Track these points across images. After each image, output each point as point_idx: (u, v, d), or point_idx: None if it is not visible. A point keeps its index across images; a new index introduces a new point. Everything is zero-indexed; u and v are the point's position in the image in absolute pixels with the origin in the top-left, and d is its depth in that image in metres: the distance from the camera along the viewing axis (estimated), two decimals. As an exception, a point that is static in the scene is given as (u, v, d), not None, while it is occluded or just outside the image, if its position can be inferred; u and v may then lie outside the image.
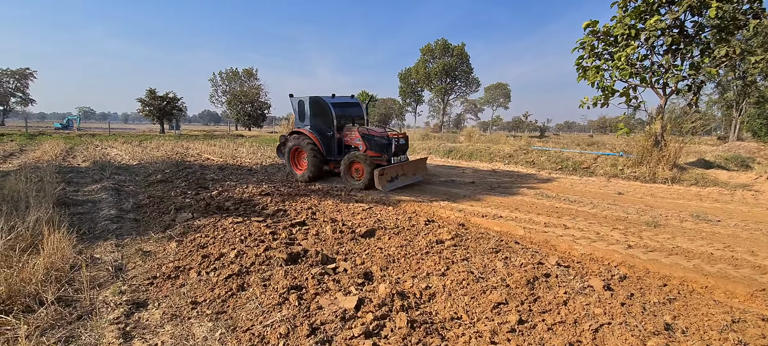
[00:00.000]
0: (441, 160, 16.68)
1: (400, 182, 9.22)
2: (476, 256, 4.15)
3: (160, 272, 3.56)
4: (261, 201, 6.71)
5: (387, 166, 8.84)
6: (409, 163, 9.66)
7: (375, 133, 9.22)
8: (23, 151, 16.27)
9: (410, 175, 9.66)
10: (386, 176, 8.75)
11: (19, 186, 6.26)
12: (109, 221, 5.35)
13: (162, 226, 5.14)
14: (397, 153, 9.31)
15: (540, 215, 6.63)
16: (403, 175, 9.35)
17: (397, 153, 9.27)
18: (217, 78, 60.72)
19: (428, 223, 5.59)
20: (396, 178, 9.11)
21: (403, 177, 9.36)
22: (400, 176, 9.24)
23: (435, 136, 30.35)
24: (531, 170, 13.16)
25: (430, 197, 8.01)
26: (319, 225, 5.30)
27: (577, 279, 3.68)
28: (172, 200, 6.64)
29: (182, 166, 11.03)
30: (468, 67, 50.83)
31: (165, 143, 22.35)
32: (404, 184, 9.28)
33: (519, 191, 9.08)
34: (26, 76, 57.43)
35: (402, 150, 9.52)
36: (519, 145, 16.18)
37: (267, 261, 3.64)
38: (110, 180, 8.76)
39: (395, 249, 4.30)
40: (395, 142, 9.13)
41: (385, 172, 8.69)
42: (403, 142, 9.53)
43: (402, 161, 9.43)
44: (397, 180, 9.15)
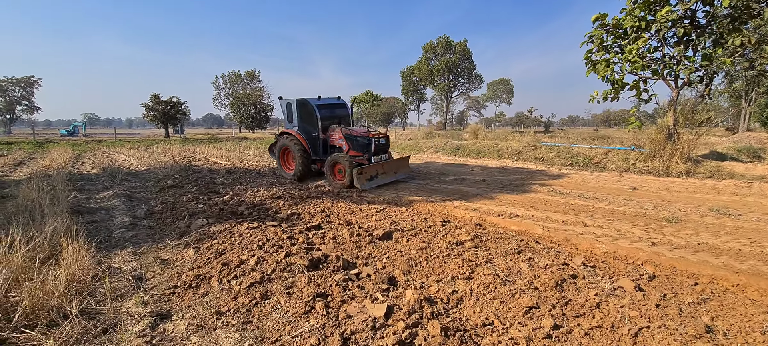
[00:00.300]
0: (448, 158, 16.58)
1: (380, 179, 9.44)
2: (499, 257, 4.07)
3: (180, 281, 3.50)
4: (274, 205, 6.66)
5: (366, 165, 9.07)
6: (390, 162, 9.90)
7: (356, 134, 9.47)
8: (32, 159, 16.34)
9: (391, 173, 9.87)
10: (365, 174, 8.98)
11: (32, 195, 6.25)
12: (124, 228, 5.31)
13: (177, 233, 5.10)
14: (378, 152, 9.52)
15: (557, 212, 6.53)
16: (383, 173, 9.57)
17: (377, 152, 9.48)
18: (220, 81, 60.84)
19: (445, 224, 5.52)
20: (375, 176, 9.34)
21: (384, 175, 9.58)
22: (380, 175, 9.47)
23: (439, 134, 30.22)
24: (540, 167, 13.03)
25: (442, 197, 7.93)
26: (335, 228, 5.24)
27: (606, 280, 3.59)
28: (184, 205, 6.60)
29: (191, 171, 11.01)
30: (471, 64, 50.60)
31: (171, 148, 22.40)
32: (384, 182, 9.48)
33: (531, 188, 8.97)
34: (31, 84, 57.79)
35: (383, 149, 9.72)
36: (527, 141, 16.04)
37: (288, 268, 3.57)
38: (121, 187, 8.75)
39: (415, 252, 4.23)
40: (375, 141, 9.34)
41: (364, 171, 8.94)
42: (384, 141, 9.72)
43: (382, 160, 9.63)
44: (377, 178, 9.37)
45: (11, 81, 55.46)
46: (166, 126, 40.54)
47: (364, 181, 8.93)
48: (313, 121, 10.11)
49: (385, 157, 9.81)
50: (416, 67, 52.41)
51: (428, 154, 17.82)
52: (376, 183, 9.22)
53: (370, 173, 9.17)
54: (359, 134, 9.44)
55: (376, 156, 9.46)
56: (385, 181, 9.54)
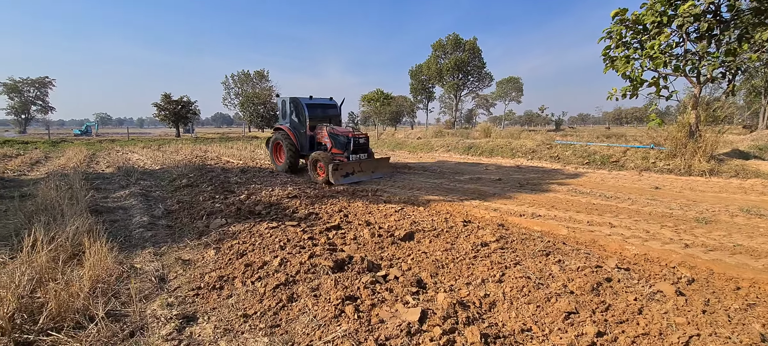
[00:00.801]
0: (460, 157, 16.40)
1: (356, 177, 9.86)
2: (527, 259, 3.94)
3: (203, 282, 3.44)
4: (290, 204, 6.59)
5: (342, 162, 9.57)
6: (368, 161, 10.34)
7: (338, 133, 10.10)
8: (48, 158, 16.56)
9: (368, 172, 10.30)
10: (340, 171, 9.44)
11: (51, 194, 6.26)
12: (142, 228, 5.28)
13: (196, 232, 5.05)
14: (356, 151, 10.05)
15: (580, 212, 6.36)
16: (360, 171, 10.03)
17: (356, 151, 10.02)
18: (230, 81, 61.31)
19: (466, 224, 5.39)
20: (351, 173, 9.79)
21: (360, 173, 10.03)
22: (356, 172, 9.93)
23: (449, 133, 30.02)
24: (556, 166, 12.81)
25: (460, 197, 7.80)
26: (354, 229, 5.14)
27: (643, 283, 3.44)
28: (201, 205, 6.57)
29: (205, 170, 11.02)
30: (480, 62, 50.20)
31: (183, 147, 22.55)
32: (360, 180, 9.88)
33: (550, 187, 8.79)
34: (45, 85, 58.79)
35: (362, 149, 10.23)
36: (541, 139, 15.79)
37: (313, 269, 3.49)
38: (137, 186, 8.77)
39: (440, 253, 4.11)
40: (354, 141, 9.92)
41: (340, 167, 9.40)
42: (363, 141, 10.27)
43: (360, 159, 10.13)
44: (353, 176, 9.82)
45: (26, 82, 56.46)
46: (176, 125, 40.92)
47: (339, 177, 9.36)
48: (302, 118, 10.82)
49: (364, 156, 10.28)
50: (425, 65, 52.15)
51: (440, 153, 17.67)
52: (350, 180, 9.64)
53: (347, 169, 9.65)
54: (341, 133, 10.03)
55: (355, 155, 9.99)
56: (361, 179, 9.95)
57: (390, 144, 22.63)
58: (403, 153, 19.06)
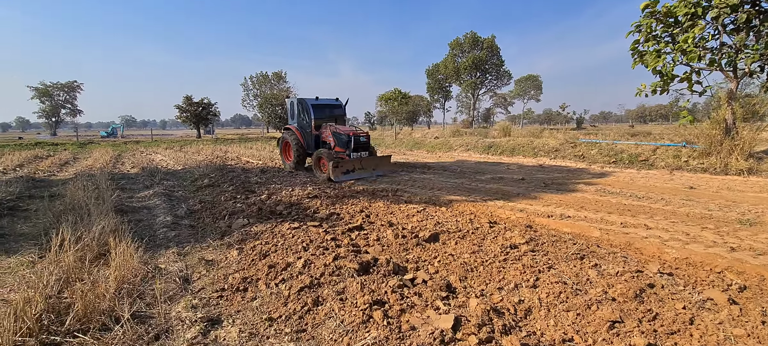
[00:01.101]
0: (480, 156, 16.11)
1: (356, 174, 10.13)
2: (561, 263, 3.73)
3: (227, 284, 3.38)
4: (311, 204, 6.53)
5: (344, 160, 9.92)
6: (369, 158, 10.63)
7: (341, 132, 10.47)
8: (76, 159, 17.09)
9: (369, 169, 10.54)
10: (341, 168, 9.75)
11: (78, 194, 6.39)
12: (166, 227, 5.30)
13: (219, 232, 5.03)
14: (357, 149, 10.41)
15: (611, 213, 6.07)
16: (360, 168, 10.30)
17: (356, 149, 10.38)
18: (248, 82, 62.17)
19: (492, 225, 5.20)
20: (352, 171, 10.07)
21: (361, 170, 10.29)
22: (356, 169, 10.20)
23: (467, 132, 29.61)
24: (581, 165, 12.40)
25: (482, 196, 7.59)
26: (377, 229, 5.03)
27: (689, 290, 3.20)
28: (223, 205, 6.58)
29: (226, 171, 11.12)
30: (499, 60, 49.39)
31: (204, 148, 22.97)
32: (360, 177, 10.15)
33: (576, 187, 8.47)
34: (74, 89, 61.09)
35: (363, 147, 10.60)
36: (565, 138, 15.33)
37: (337, 271, 3.38)
38: (160, 186, 8.90)
39: (468, 256, 3.95)
40: (355, 139, 10.29)
41: (340, 165, 9.73)
42: (364, 139, 10.61)
43: (362, 156, 10.45)
44: (353, 173, 10.09)
45: (56, 86, 58.74)
46: (197, 127, 41.82)
47: (340, 174, 9.69)
48: (308, 118, 11.32)
49: (365, 154, 10.64)
50: (442, 64, 51.67)
51: (459, 152, 17.41)
52: (351, 177, 9.95)
53: (347, 167, 9.95)
54: (343, 132, 10.42)
55: (356, 152, 10.35)
56: (362, 176, 10.23)
57: (408, 143, 22.46)
58: (421, 152, 18.88)
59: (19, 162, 14.78)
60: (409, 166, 12.58)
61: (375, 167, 10.78)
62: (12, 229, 5.40)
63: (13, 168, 13.04)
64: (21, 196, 7.58)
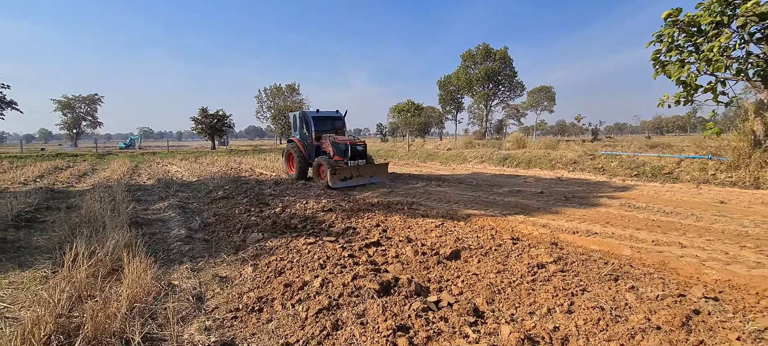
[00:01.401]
0: (496, 168, 15.82)
1: (354, 181, 10.67)
2: (594, 284, 3.49)
3: (241, 303, 3.24)
4: (326, 218, 6.39)
5: (341, 168, 10.43)
6: (366, 166, 11.08)
7: (339, 141, 11.09)
8: (95, 170, 17.39)
9: (366, 176, 11.05)
10: (338, 175, 10.28)
11: (95, 206, 6.38)
12: (180, 241, 5.22)
13: (233, 247, 4.92)
14: (354, 157, 10.97)
15: (640, 229, 5.77)
16: (358, 176, 10.81)
17: (353, 157, 10.94)
18: (263, 94, 63.14)
19: (515, 242, 4.97)
20: (349, 178, 10.61)
21: (358, 177, 10.81)
22: (354, 176, 10.72)
23: (479, 144, 29.31)
24: (601, 178, 12.03)
25: (501, 210, 7.35)
26: (395, 245, 4.85)
27: (740, 318, 2.93)
28: (237, 218, 6.49)
29: (240, 183, 11.11)
30: (511, 71, 49.14)
31: (218, 159, 23.18)
32: (357, 183, 10.68)
33: (599, 201, 8.16)
34: (95, 102, 62.89)
35: (359, 155, 11.14)
36: (583, 150, 14.96)
37: (357, 292, 3.21)
38: (175, 198, 8.89)
39: (494, 276, 3.74)
40: (352, 148, 10.89)
41: (338, 172, 10.26)
42: (361, 148, 11.18)
43: (359, 164, 10.99)
44: (351, 180, 10.63)
45: (78, 99, 60.57)
46: (212, 138, 42.38)
47: (337, 180, 10.23)
48: (309, 130, 11.98)
49: (362, 162, 11.19)
50: (454, 75, 51.66)
51: (473, 164, 17.15)
52: (349, 183, 10.50)
53: (345, 174, 10.47)
54: (340, 142, 11.01)
55: (353, 160, 10.93)
56: (359, 182, 10.76)
57: (421, 155, 22.28)
58: (435, 164, 18.67)
59: (40, 173, 15.09)
60: (423, 179, 12.39)
61: (372, 175, 11.23)
62: (28, 241, 5.39)
63: (33, 179, 13.29)
64: (39, 207, 7.63)
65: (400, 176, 13.18)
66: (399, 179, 12.46)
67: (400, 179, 12.41)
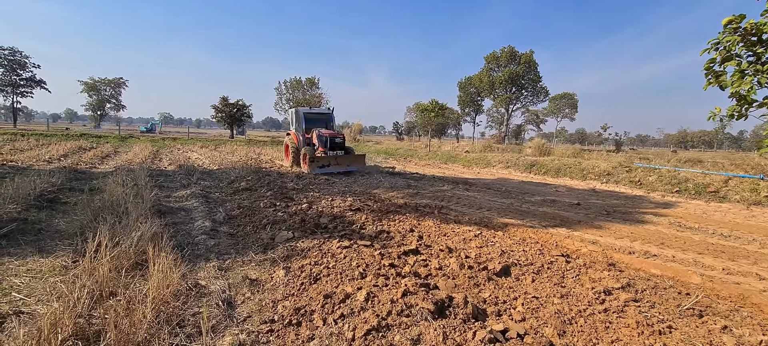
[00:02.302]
0: (522, 174, 15.23)
1: (331, 168, 12.05)
2: (678, 320, 3.02)
3: (277, 314, 2.88)
4: (355, 219, 6.02)
5: (318, 156, 12.04)
6: (344, 156, 12.60)
7: (322, 134, 12.79)
8: (117, 153, 17.47)
9: (344, 165, 12.47)
10: (316, 163, 11.80)
11: (117, 191, 6.16)
12: (205, 234, 4.92)
13: (261, 245, 4.59)
14: (334, 148, 12.61)
15: (702, 254, 5.23)
16: (336, 164, 12.23)
17: (332, 148, 12.57)
18: (282, 87, 63.32)
19: (568, 260, 4.50)
20: (327, 165, 11.97)
21: (336, 166, 12.20)
22: (332, 165, 12.12)
23: (499, 148, 28.63)
24: (637, 191, 11.36)
25: (539, 221, 6.86)
26: (436, 255, 4.44)
27: None
28: (262, 212, 6.18)
29: (261, 174, 10.85)
30: (536, 76, 47.95)
31: (238, 148, 23.14)
32: (335, 171, 12.06)
33: (643, 218, 7.58)
34: (120, 85, 64.08)
35: (337, 146, 12.76)
36: (618, 161, 14.22)
37: (407, 310, 2.82)
38: (197, 186, 8.67)
39: (558, 301, 3.30)
40: (330, 140, 12.57)
41: (316, 160, 11.85)
42: (339, 140, 12.86)
43: (337, 154, 12.51)
44: (328, 167, 12.00)
45: (104, 82, 61.83)
46: (231, 127, 42.62)
47: (316, 167, 11.73)
48: (302, 125, 13.89)
49: (341, 153, 12.71)
50: (477, 77, 50.77)
51: (498, 169, 16.57)
52: (325, 170, 11.84)
53: (323, 162, 11.92)
54: (323, 134, 12.70)
55: (332, 150, 12.52)
56: (336, 170, 12.15)
57: (441, 156, 21.77)
58: (457, 167, 18.15)
59: (64, 152, 15.18)
60: (448, 181, 11.92)
61: (349, 164, 12.67)
62: (50, 223, 5.18)
63: (58, 158, 13.34)
64: (62, 188, 7.49)
65: (423, 177, 12.75)
66: (423, 180, 12.03)
67: (425, 180, 11.98)
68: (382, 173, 13.22)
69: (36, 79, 44.83)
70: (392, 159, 21.50)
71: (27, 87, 44.44)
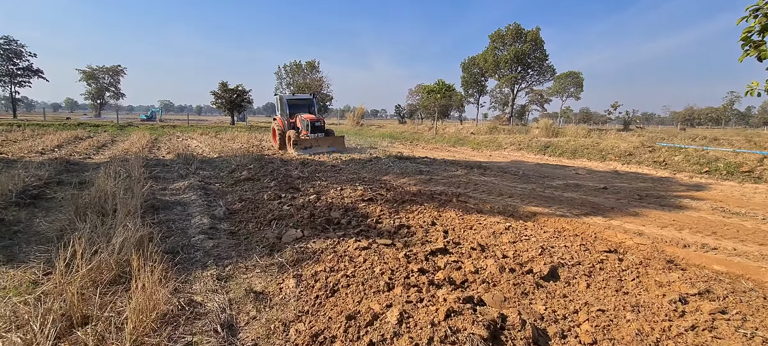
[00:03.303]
0: (535, 156, 14.56)
1: (313, 150, 13.17)
2: (784, 339, 2.43)
3: (289, 342, 2.31)
4: (369, 211, 5.44)
5: (301, 139, 13.28)
6: (324, 138, 13.90)
7: (305, 118, 14.03)
8: (114, 142, 16.88)
9: (325, 146, 13.67)
10: (300, 144, 13.03)
11: (107, 185, 5.57)
12: (203, 233, 4.35)
13: (266, 245, 4.01)
14: (314, 131, 13.88)
15: (764, 245, 4.62)
16: (317, 145, 13.43)
17: (313, 131, 13.85)
18: (282, 71, 62.11)
19: (620, 258, 3.90)
20: (309, 147, 13.20)
21: (317, 147, 13.39)
22: (313, 146, 13.33)
23: (504, 129, 27.87)
24: (662, 172, 10.70)
25: (569, 209, 6.26)
26: (467, 253, 3.86)
27: None
28: (266, 205, 5.60)
29: (264, 162, 10.24)
30: (542, 54, 46.62)
31: (239, 135, 22.49)
32: (317, 152, 13.10)
33: (680, 202, 6.96)
34: (118, 73, 63.06)
35: (318, 129, 14.03)
36: (640, 141, 13.50)
37: (453, 336, 2.24)
38: (196, 176, 8.09)
39: (630, 315, 2.70)
40: (312, 124, 13.85)
41: (299, 141, 13.09)
42: (319, 124, 14.15)
43: (318, 136, 13.75)
44: (310, 149, 13.17)
45: (102, 69, 60.84)
46: (231, 113, 41.88)
47: (299, 149, 12.93)
48: (286, 110, 15.09)
49: (321, 135, 13.96)
50: (481, 57, 49.44)
51: (510, 152, 15.89)
52: (307, 151, 12.95)
53: (305, 144, 13.14)
54: (305, 119, 13.96)
55: (313, 133, 13.78)
56: (318, 151, 13.24)
57: (448, 140, 21.06)
58: (466, 150, 17.47)
59: (59, 143, 14.61)
60: (460, 165, 11.28)
61: (331, 145, 13.81)
62: (29, 224, 4.62)
63: (52, 149, 12.77)
64: (49, 181, 6.92)
65: (434, 162, 12.12)
66: (434, 164, 11.40)
67: (436, 165, 11.36)
68: (390, 158, 12.58)
69: (33, 68, 44.02)
70: (398, 143, 20.82)
71: (24, 77, 43.68)
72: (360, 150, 15.43)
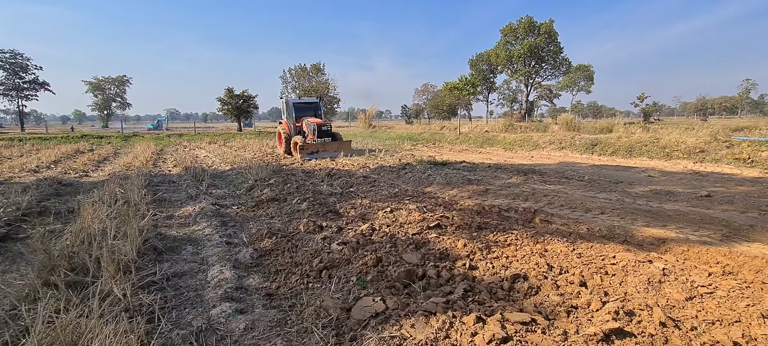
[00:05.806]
0: (582, 156, 12.97)
1: (319, 155, 12.84)
2: None
3: None
4: (446, 245, 3.98)
5: (307, 143, 12.93)
6: (330, 143, 13.50)
7: (311, 122, 13.54)
8: (117, 154, 15.64)
9: (331, 150, 13.27)
10: (305, 150, 12.75)
11: (94, 221, 4.18)
12: (226, 301, 2.91)
13: (330, 325, 2.55)
14: (321, 135, 13.39)
15: None
16: (324, 150, 13.08)
17: (320, 135, 13.33)
18: (287, 75, 60.93)
19: None
20: (316, 152, 12.88)
21: (324, 152, 13.05)
22: (320, 151, 12.99)
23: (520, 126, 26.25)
24: (751, 172, 9.10)
25: (691, 229, 4.75)
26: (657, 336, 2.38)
27: None
28: (305, 240, 4.17)
29: (284, 174, 8.84)
30: (557, 47, 44.87)
31: (249, 142, 21.19)
32: (323, 157, 12.73)
33: (827, 214, 5.40)
34: (124, 83, 62.48)
35: (325, 133, 13.56)
36: (710, 134, 11.86)
37: None
38: (208, 196, 6.69)
39: None
40: (318, 128, 13.34)
41: (305, 147, 12.78)
42: (326, 128, 13.66)
43: (325, 141, 13.30)
44: (317, 154, 12.87)
45: (107, 80, 60.24)
46: (238, 119, 40.76)
47: (305, 154, 12.66)
48: (292, 114, 14.74)
49: (328, 140, 13.52)
50: (493, 52, 47.77)
51: (550, 151, 14.32)
52: (314, 156, 12.70)
53: (311, 149, 12.87)
54: (312, 123, 13.49)
55: (319, 138, 13.25)
56: (324, 156, 12.86)
57: (476, 140, 19.51)
58: (498, 151, 15.91)
59: (57, 158, 13.35)
60: (508, 170, 9.76)
61: (337, 150, 13.41)
62: (-22, 288, 3.22)
63: (47, 165, 11.50)
64: (27, 212, 5.54)
65: (476, 167, 10.62)
66: (478, 170, 9.91)
67: (480, 171, 9.86)
68: (423, 163, 11.10)
69: (39, 81, 43.33)
70: (420, 145, 19.34)
71: (31, 90, 43.01)
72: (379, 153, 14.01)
